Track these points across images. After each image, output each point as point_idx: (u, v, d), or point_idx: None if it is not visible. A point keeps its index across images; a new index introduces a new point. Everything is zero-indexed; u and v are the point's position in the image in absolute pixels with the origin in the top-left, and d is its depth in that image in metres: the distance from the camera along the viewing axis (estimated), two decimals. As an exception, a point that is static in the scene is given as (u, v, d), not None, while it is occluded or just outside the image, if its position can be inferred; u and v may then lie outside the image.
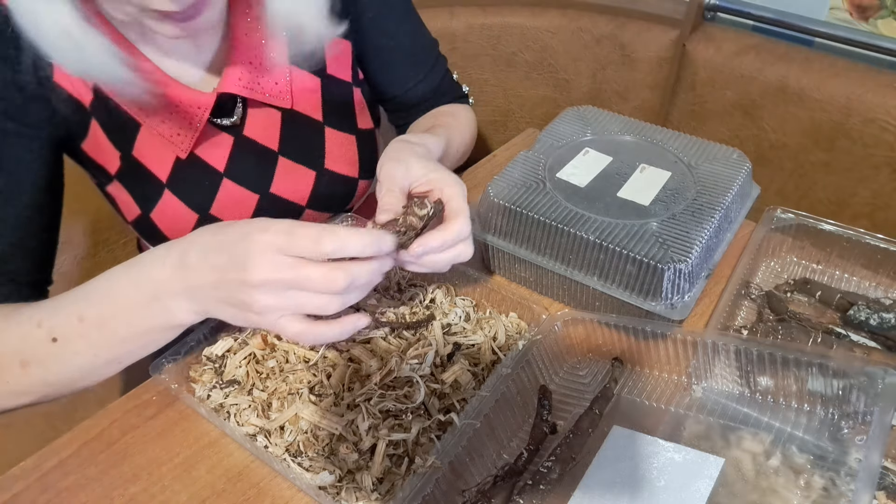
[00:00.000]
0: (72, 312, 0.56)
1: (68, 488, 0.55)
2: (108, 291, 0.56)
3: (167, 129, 0.69)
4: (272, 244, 0.50)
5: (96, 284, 0.57)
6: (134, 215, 0.75)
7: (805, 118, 1.02)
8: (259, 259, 0.50)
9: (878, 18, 1.02)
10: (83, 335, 0.56)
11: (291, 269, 0.50)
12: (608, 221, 0.65)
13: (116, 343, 0.56)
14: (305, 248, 0.50)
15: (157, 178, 0.72)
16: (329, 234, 0.50)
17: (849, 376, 0.51)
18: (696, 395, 0.59)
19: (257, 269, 0.50)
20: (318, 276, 0.50)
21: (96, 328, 0.56)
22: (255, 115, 0.74)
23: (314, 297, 0.51)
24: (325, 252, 0.50)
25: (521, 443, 0.57)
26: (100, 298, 0.56)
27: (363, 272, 0.51)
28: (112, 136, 0.69)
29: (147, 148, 0.70)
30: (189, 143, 0.70)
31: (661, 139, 0.77)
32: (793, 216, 0.73)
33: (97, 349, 0.56)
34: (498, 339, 0.64)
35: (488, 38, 1.21)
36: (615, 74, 1.19)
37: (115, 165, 0.71)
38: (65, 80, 0.63)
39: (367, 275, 0.52)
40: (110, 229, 1.01)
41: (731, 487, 0.50)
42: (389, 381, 0.58)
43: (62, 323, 0.56)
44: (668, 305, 0.62)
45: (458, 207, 0.59)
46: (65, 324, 0.56)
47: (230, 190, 0.75)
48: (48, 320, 0.57)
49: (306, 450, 0.55)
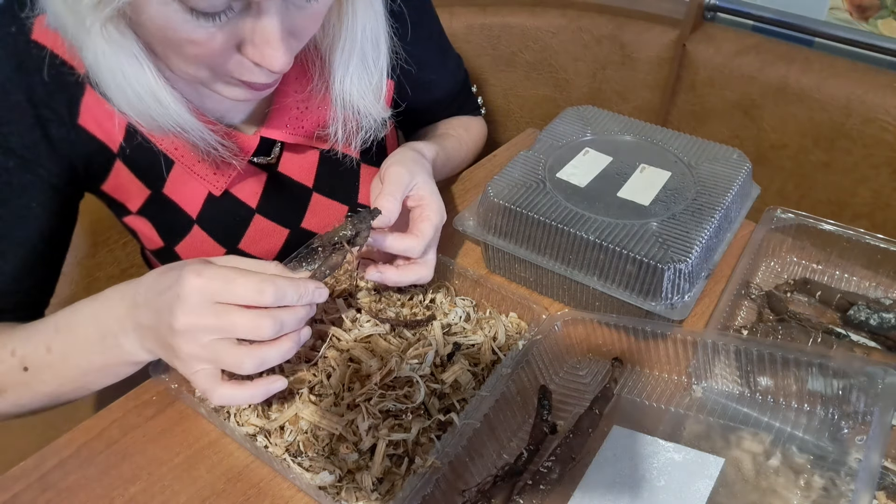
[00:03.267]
0: (41, 342, 0.58)
1: (68, 488, 0.55)
2: (71, 324, 0.58)
3: (203, 168, 0.68)
4: (203, 290, 0.49)
5: (65, 315, 0.58)
6: (156, 246, 0.75)
7: (805, 118, 1.02)
8: (184, 305, 0.49)
9: (878, 18, 1.02)
10: (50, 365, 0.58)
11: (216, 315, 0.49)
12: (608, 221, 0.65)
13: (79, 375, 0.58)
14: (246, 297, 0.50)
15: (186, 213, 0.71)
16: (270, 285, 0.50)
17: (849, 376, 0.51)
18: (696, 395, 0.59)
19: (181, 316, 0.49)
20: (245, 322, 0.49)
21: (60, 359, 0.57)
22: (292, 154, 0.74)
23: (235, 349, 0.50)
24: (266, 303, 0.50)
25: (521, 443, 0.57)
26: (65, 331, 0.58)
27: (290, 320, 0.51)
28: (142, 175, 0.68)
29: (178, 185, 0.69)
30: (225, 182, 0.70)
31: (661, 139, 0.77)
32: (793, 216, 0.73)
33: (61, 380, 0.58)
34: (498, 339, 0.64)
35: (488, 38, 1.21)
36: (615, 74, 1.19)
37: (139, 202, 0.70)
38: (92, 124, 0.63)
39: (292, 323, 0.52)
40: (110, 229, 1.00)
41: (731, 487, 0.50)
42: (389, 381, 0.58)
43: (32, 353, 0.58)
44: (668, 305, 0.62)
45: (422, 230, 0.63)
46: (34, 353, 0.58)
47: (261, 225, 0.75)
48: (20, 348, 0.58)
49: (306, 450, 0.55)
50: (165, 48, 0.53)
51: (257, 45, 0.52)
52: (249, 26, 0.51)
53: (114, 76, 0.53)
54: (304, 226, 0.79)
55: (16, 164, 0.61)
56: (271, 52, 0.52)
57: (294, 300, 0.51)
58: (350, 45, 0.63)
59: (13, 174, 0.61)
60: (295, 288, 0.51)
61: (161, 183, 0.69)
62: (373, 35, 0.64)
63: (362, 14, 0.62)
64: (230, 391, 0.52)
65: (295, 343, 0.52)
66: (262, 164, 0.72)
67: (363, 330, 0.62)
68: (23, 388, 0.59)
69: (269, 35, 0.51)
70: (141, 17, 0.49)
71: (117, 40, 0.51)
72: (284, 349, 0.52)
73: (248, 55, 0.53)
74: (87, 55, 0.52)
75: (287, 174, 0.75)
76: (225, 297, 0.50)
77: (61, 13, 0.50)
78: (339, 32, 0.63)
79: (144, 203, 0.70)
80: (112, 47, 0.51)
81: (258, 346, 0.51)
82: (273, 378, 0.54)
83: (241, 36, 0.52)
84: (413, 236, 0.63)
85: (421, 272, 0.64)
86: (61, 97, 0.60)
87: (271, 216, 0.76)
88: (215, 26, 0.49)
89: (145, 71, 0.54)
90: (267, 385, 0.53)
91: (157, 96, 0.56)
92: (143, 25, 0.50)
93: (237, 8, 0.49)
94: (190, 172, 0.68)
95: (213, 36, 0.50)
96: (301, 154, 0.75)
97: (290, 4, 0.52)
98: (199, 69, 0.54)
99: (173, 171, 0.68)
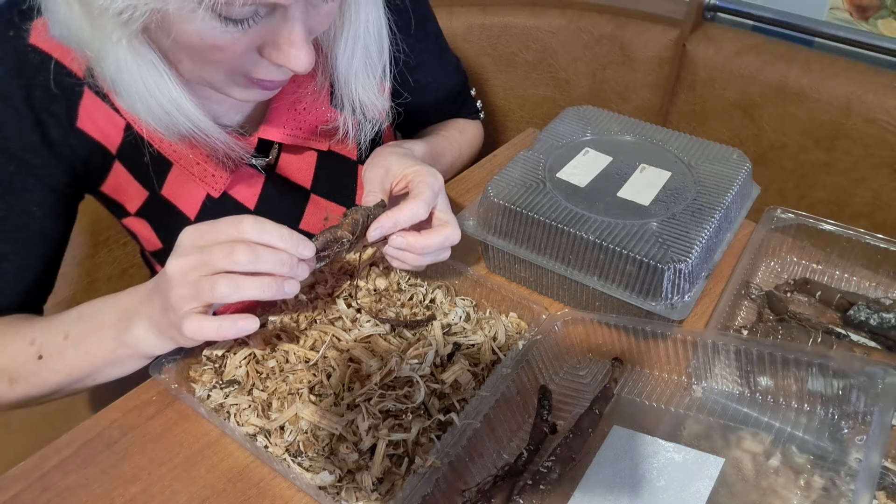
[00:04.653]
0: (60, 330, 0.60)
1: (68, 488, 0.55)
2: (95, 313, 0.60)
3: (201, 169, 0.68)
4: (192, 234, 0.52)
5: (90, 305, 0.60)
6: (155, 247, 0.76)
7: (805, 118, 1.02)
8: (176, 251, 0.52)
9: (878, 18, 1.02)
10: (62, 353, 0.59)
11: (199, 252, 0.51)
12: (608, 221, 0.65)
13: (88, 363, 0.59)
14: (227, 232, 0.51)
15: (184, 215, 0.72)
16: (248, 217, 0.51)
17: (849, 376, 0.51)
18: (696, 395, 0.59)
19: (173, 260, 0.52)
20: (220, 249, 0.51)
21: (74, 346, 0.59)
22: (290, 154, 0.74)
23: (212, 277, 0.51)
24: (246, 236, 0.51)
25: (521, 443, 0.57)
26: (87, 318, 0.60)
27: (268, 255, 0.51)
28: (140, 177, 0.68)
29: (177, 187, 0.70)
30: (223, 183, 0.70)
31: (661, 139, 0.77)
32: (793, 216, 0.73)
33: (72, 368, 0.60)
34: (498, 339, 0.64)
35: (488, 38, 1.21)
36: (615, 74, 1.19)
37: (138, 204, 0.71)
38: (90, 127, 0.63)
39: (272, 261, 0.52)
40: (110, 229, 1.00)
41: (731, 487, 0.50)
42: (389, 381, 0.58)
43: (50, 340, 0.60)
44: (668, 305, 0.62)
45: (419, 192, 0.61)
46: (52, 341, 0.60)
47: None
48: (39, 337, 0.60)
49: (306, 450, 0.55)
50: (182, 54, 0.53)
51: (281, 47, 0.53)
52: (272, 29, 0.52)
53: (136, 87, 0.54)
54: (302, 227, 0.78)
55: (15, 166, 0.61)
56: (296, 53, 0.52)
57: (275, 239, 0.52)
58: (353, 41, 0.63)
59: (13, 176, 0.61)
60: (276, 228, 0.52)
61: (160, 185, 0.69)
62: (375, 29, 0.64)
63: (364, 8, 0.62)
64: (198, 321, 0.52)
65: (276, 282, 0.52)
66: (260, 165, 0.72)
67: (363, 330, 0.62)
68: (34, 377, 0.60)
69: (294, 38, 0.52)
70: (169, 28, 0.49)
71: (139, 51, 0.52)
72: (264, 283, 0.52)
73: (272, 57, 0.54)
74: (108, 66, 0.53)
75: (285, 175, 0.75)
76: (209, 236, 0.51)
77: (80, 26, 0.51)
78: (341, 28, 0.63)
79: (143, 205, 0.70)
80: (135, 59, 0.52)
81: (237, 275, 0.51)
82: (244, 315, 0.53)
83: (263, 38, 0.52)
84: (412, 200, 0.61)
85: (446, 231, 0.62)
86: (60, 100, 0.61)
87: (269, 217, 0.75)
88: (241, 31, 0.50)
89: (165, 80, 0.55)
90: (235, 320, 0.53)
91: (178, 104, 0.56)
92: (168, 35, 0.50)
93: (263, 13, 0.50)
94: (188, 174, 0.68)
95: (237, 41, 0.51)
96: (299, 155, 0.75)
97: (308, 5, 0.52)
98: (217, 73, 0.55)
99: (171, 172, 0.68)
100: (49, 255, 0.67)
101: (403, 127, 0.94)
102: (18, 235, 0.63)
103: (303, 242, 0.54)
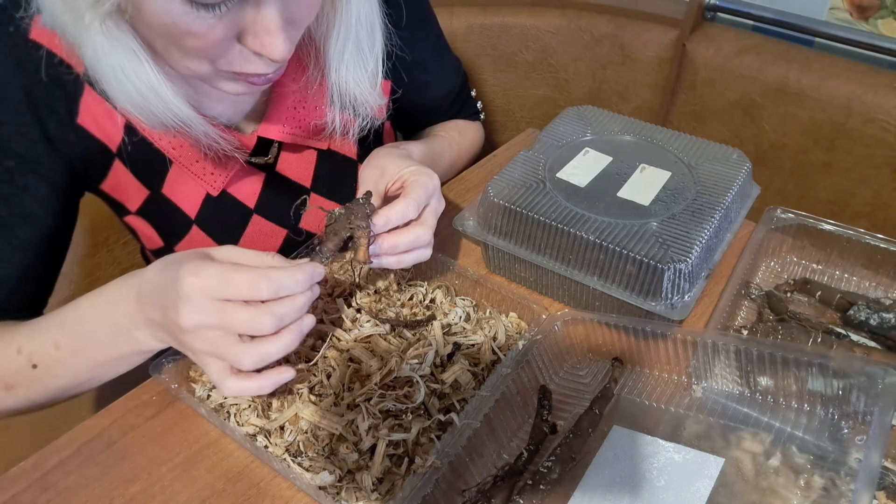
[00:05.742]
0: (48, 340, 0.58)
1: (68, 488, 0.55)
2: (79, 321, 0.58)
3: (200, 168, 0.68)
4: (203, 289, 0.49)
5: (69, 313, 0.59)
6: (156, 246, 0.76)
7: (805, 118, 1.02)
8: (187, 304, 0.49)
9: (878, 18, 1.02)
10: (60, 361, 0.58)
11: (217, 313, 0.49)
12: (608, 221, 0.65)
13: (91, 367, 0.59)
14: (242, 294, 0.50)
15: (185, 214, 0.71)
16: (265, 280, 0.49)
17: (849, 376, 0.51)
18: (696, 395, 0.59)
19: (186, 315, 0.50)
20: (244, 319, 0.50)
21: (71, 355, 0.58)
22: (290, 153, 0.74)
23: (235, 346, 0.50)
24: (263, 298, 0.50)
25: (521, 443, 0.57)
26: (73, 327, 0.58)
27: (289, 312, 0.51)
28: (140, 175, 0.68)
29: (177, 185, 0.69)
30: (223, 182, 0.70)
31: (661, 139, 0.77)
32: (793, 216, 0.73)
33: (75, 372, 0.59)
34: (498, 339, 0.64)
35: (488, 38, 1.21)
36: (615, 74, 1.19)
37: (138, 202, 0.70)
38: (91, 124, 0.63)
39: (292, 315, 0.51)
40: (110, 229, 1.00)
41: (731, 487, 0.50)
42: (389, 381, 0.58)
43: (39, 350, 0.58)
44: (668, 305, 0.62)
45: (411, 191, 0.60)
46: (42, 351, 0.58)
47: (259, 225, 0.75)
48: (27, 346, 0.59)
49: (306, 450, 0.55)
50: (165, 42, 0.52)
51: (258, 35, 0.52)
52: (249, 16, 0.51)
53: (114, 72, 0.53)
54: (302, 226, 0.78)
55: (16, 163, 0.61)
56: (271, 41, 0.52)
57: (292, 289, 0.51)
58: (345, 33, 0.63)
59: (13, 173, 0.61)
60: (291, 277, 0.51)
61: (160, 183, 0.69)
62: (367, 21, 0.64)
63: (356, 1, 0.61)
64: (238, 383, 0.53)
65: (296, 335, 0.52)
66: (260, 164, 0.72)
67: (363, 330, 0.62)
68: (34, 384, 0.59)
69: (269, 24, 0.51)
70: (140, 11, 0.49)
71: (116, 36, 0.51)
72: (286, 342, 0.51)
73: (249, 45, 0.53)
74: (85, 52, 0.52)
75: (285, 174, 0.75)
76: (223, 295, 0.50)
77: (59, 11, 0.50)
78: (333, 20, 0.62)
79: (143, 203, 0.70)
80: (111, 43, 0.51)
81: (258, 342, 0.51)
82: (281, 369, 0.54)
83: (240, 26, 0.52)
84: (403, 199, 0.60)
85: (416, 231, 0.60)
86: (60, 96, 0.60)
87: (270, 216, 0.76)
88: (215, 17, 0.49)
89: (144, 66, 0.54)
90: (275, 376, 0.54)
91: (157, 91, 0.56)
92: (143, 20, 0.50)
93: None
94: (188, 172, 0.68)
95: (212, 27, 0.50)
96: (299, 154, 0.75)
97: None
98: (200, 63, 0.54)
99: (171, 171, 0.68)
100: (50, 256, 0.67)
101: (403, 127, 0.94)
102: (18, 235, 0.63)
103: (315, 272, 0.52)
